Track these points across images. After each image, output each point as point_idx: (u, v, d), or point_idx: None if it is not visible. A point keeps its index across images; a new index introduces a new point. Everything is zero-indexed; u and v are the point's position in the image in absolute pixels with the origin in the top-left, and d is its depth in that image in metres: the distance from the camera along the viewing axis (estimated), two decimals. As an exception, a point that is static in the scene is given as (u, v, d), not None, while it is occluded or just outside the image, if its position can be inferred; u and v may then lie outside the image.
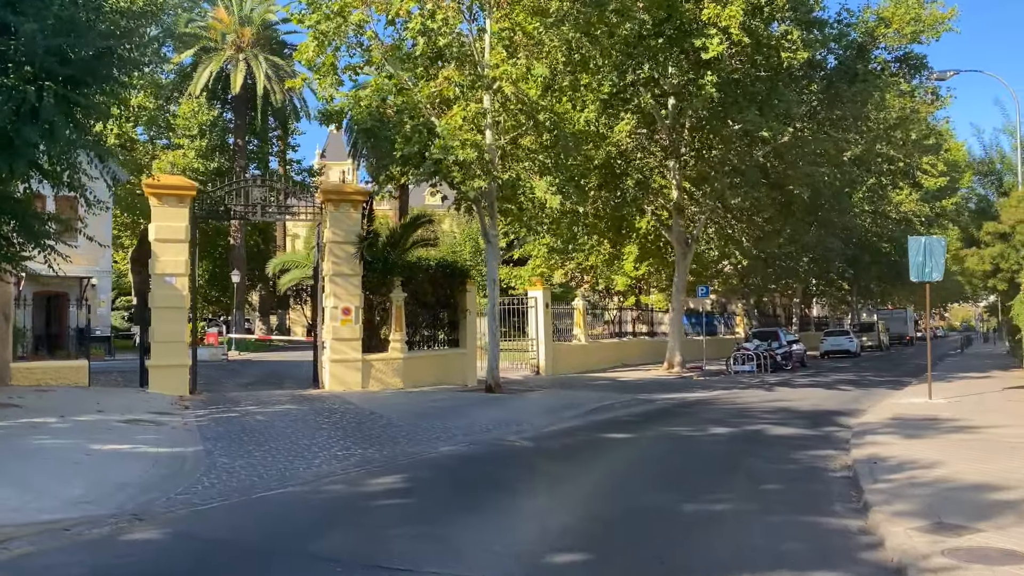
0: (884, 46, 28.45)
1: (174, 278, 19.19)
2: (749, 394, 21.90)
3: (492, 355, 20.68)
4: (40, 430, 11.95)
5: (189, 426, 13.57)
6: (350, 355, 20.58)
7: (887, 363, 41.07)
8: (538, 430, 13.82)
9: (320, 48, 21.09)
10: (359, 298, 20.72)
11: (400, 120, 19.61)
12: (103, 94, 14.21)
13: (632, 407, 17.98)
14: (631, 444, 12.72)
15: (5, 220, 14.37)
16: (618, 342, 33.54)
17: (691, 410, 17.93)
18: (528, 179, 18.70)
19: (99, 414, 14.15)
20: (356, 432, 13.38)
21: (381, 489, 9.04)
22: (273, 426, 13.76)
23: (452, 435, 13.10)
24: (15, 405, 14.48)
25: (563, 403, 18.22)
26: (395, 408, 16.66)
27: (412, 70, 20.57)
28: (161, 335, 18.85)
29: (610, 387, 23.57)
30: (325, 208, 20.89)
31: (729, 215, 31.58)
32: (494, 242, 20.79)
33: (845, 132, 27.40)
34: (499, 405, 17.88)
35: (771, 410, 17.96)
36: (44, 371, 18.38)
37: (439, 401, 18.32)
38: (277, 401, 17.83)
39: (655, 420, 15.92)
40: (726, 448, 12.55)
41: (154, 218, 19.16)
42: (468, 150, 17.64)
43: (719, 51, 21.82)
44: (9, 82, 12.51)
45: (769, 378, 28.03)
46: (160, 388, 18.60)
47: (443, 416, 15.58)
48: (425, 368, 22.14)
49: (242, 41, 41.04)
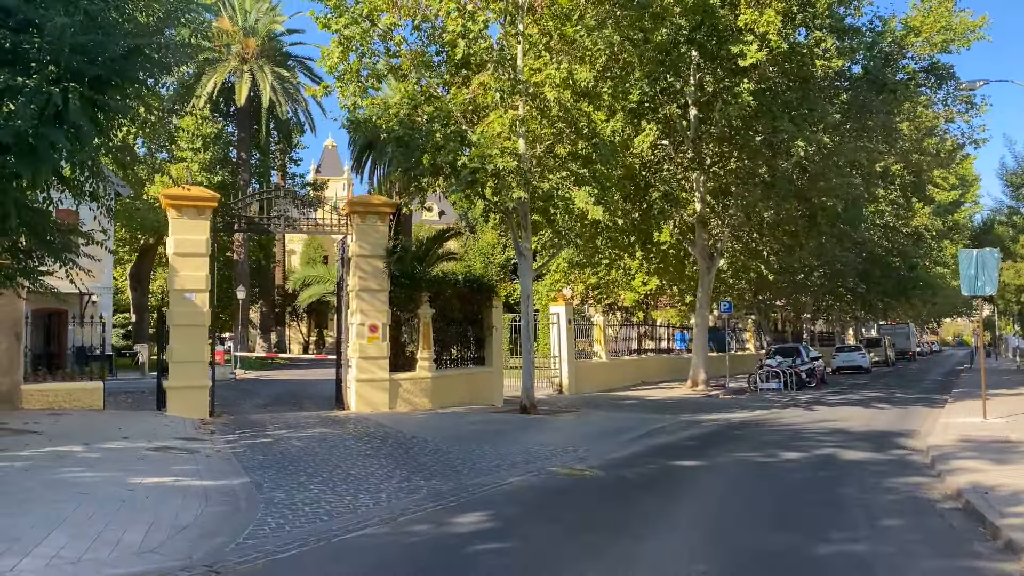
0: (911, 55, 27.84)
1: (194, 294, 18.17)
2: (790, 414, 21.02)
3: (527, 374, 19.70)
4: (68, 460, 10.90)
5: (223, 454, 12.54)
6: (377, 374, 19.57)
7: (903, 379, 40.40)
8: (601, 458, 12.84)
9: (344, 55, 20.24)
10: (386, 314, 19.74)
11: (431, 128, 18.71)
12: (127, 97, 13.28)
13: (683, 430, 17.02)
14: (709, 473, 11.77)
15: (23, 232, 13.36)
16: (637, 359, 32.63)
17: (744, 433, 17.01)
18: (567, 189, 17.80)
19: (125, 441, 13.11)
20: (407, 459, 12.38)
21: (470, 530, 8.04)
22: (315, 453, 12.74)
23: (513, 463, 12.12)
24: (33, 431, 13.42)
25: (610, 426, 17.24)
26: (435, 432, 15.67)
27: (440, 77, 19.72)
28: (180, 355, 17.81)
29: (644, 407, 22.62)
30: (351, 220, 19.93)
31: (751, 228, 30.82)
32: (527, 255, 19.86)
33: (877, 143, 26.66)
34: (541, 428, 16.89)
35: (825, 432, 17.09)
36: (56, 393, 17.28)
37: (477, 424, 17.31)
38: (306, 424, 16.80)
39: (715, 445, 14.99)
40: (809, 476, 11.65)
41: (172, 231, 18.15)
42: (507, 159, 16.74)
43: (758, 58, 21.09)
44: (32, 83, 11.52)
45: (799, 396, 27.19)
46: (178, 411, 17.56)
47: (490, 440, 14.59)
48: (453, 388, 21.15)
49: (247, 52, 40.09)
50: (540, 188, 17.36)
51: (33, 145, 11.81)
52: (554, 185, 17.57)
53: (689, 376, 29.69)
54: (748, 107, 21.62)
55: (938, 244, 50.45)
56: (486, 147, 16.77)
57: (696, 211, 28.25)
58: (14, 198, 12.55)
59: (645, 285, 42.75)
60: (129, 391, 23.59)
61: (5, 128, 11.10)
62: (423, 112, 18.84)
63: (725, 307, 30.79)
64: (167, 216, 18.40)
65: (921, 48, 27.01)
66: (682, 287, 38.49)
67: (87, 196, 14.04)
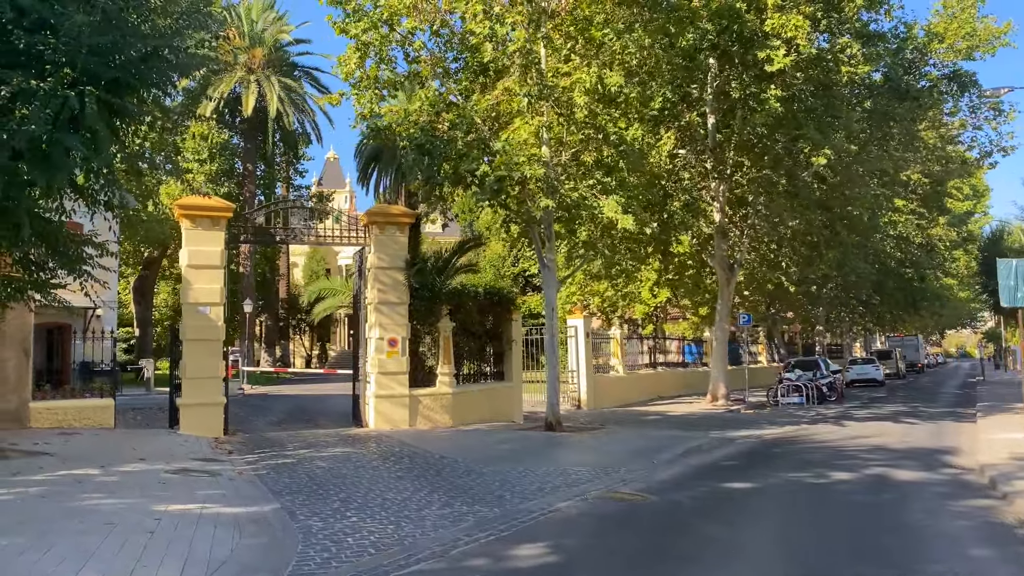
0: (934, 62, 27.35)
1: (208, 308, 17.52)
2: (822, 430, 20.35)
3: (552, 390, 19.01)
4: (87, 486, 10.22)
5: (247, 476, 11.86)
6: (397, 390, 18.89)
7: (920, 393, 39.77)
8: (645, 480, 12.15)
9: (360, 61, 19.67)
10: (406, 328, 19.09)
11: (453, 136, 18.13)
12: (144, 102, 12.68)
13: (718, 448, 16.32)
14: (763, 496, 11.10)
15: (36, 243, 12.71)
16: (653, 373, 31.93)
17: (783, 451, 16.33)
18: (594, 198, 17.18)
19: (142, 463, 12.43)
20: (441, 482, 11.70)
21: (533, 564, 7.38)
22: (343, 475, 12.06)
23: (554, 486, 11.44)
24: (45, 453, 12.73)
25: (643, 445, 16.53)
26: (462, 451, 14.97)
27: (460, 84, 19.14)
28: (193, 370, 17.15)
29: (669, 423, 21.92)
30: (369, 231, 19.31)
31: (770, 239, 30.21)
32: (551, 267, 19.21)
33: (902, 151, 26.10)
34: (573, 447, 16.19)
35: (865, 449, 16.45)
36: (66, 411, 16.58)
37: (505, 442, 16.62)
38: (326, 443, 16.12)
39: (758, 464, 14.32)
40: (870, 499, 11.02)
41: (186, 242, 17.52)
42: (535, 166, 16.13)
43: (785, 63, 20.53)
44: (47, 86, 10.90)
45: (823, 410, 26.51)
46: (192, 429, 16.88)
47: (523, 460, 13.90)
48: (473, 404, 20.47)
49: (253, 62, 39.52)
50: (568, 197, 16.73)
51: (47, 151, 11.20)
52: (582, 194, 16.94)
53: (708, 391, 29.00)
54: (775, 114, 21.02)
55: (951, 255, 49.82)
56: (512, 154, 16.16)
57: (715, 221, 27.63)
58: (27, 207, 11.92)
59: (655, 297, 42.18)
60: (137, 408, 22.92)
61: (18, 133, 10.48)
62: (444, 119, 18.25)
63: (744, 320, 30.13)
64: (180, 227, 17.79)
65: (945, 55, 26.51)
66: (695, 299, 37.86)
67: (102, 205, 13.42)
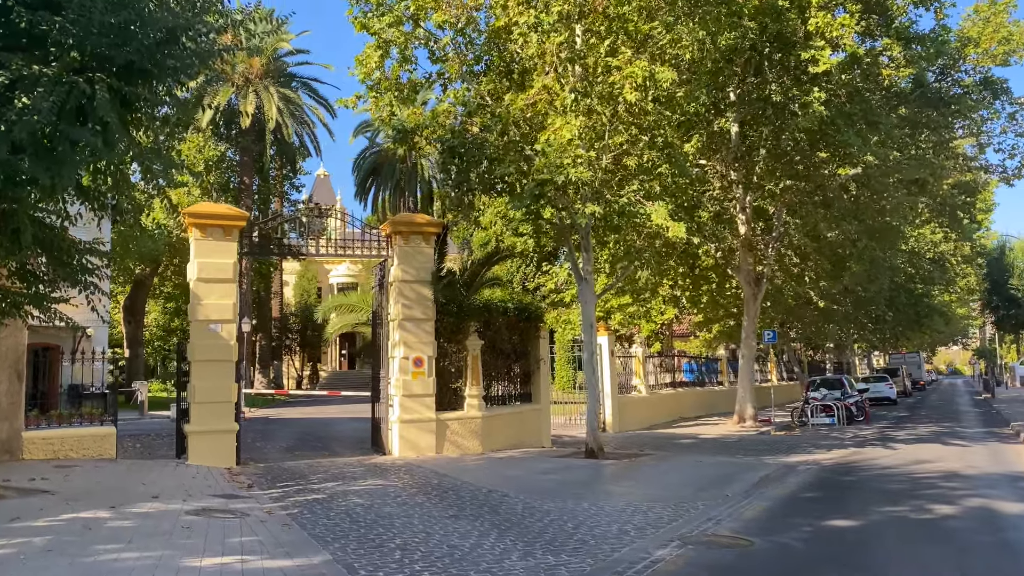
0: (967, 68, 26.25)
1: (219, 325, 15.99)
2: (876, 454, 18.99)
3: (592, 413, 17.54)
4: (99, 533, 8.66)
5: (278, 517, 10.33)
6: (423, 414, 17.39)
7: (937, 412, 38.70)
8: (735, 518, 10.68)
9: (381, 60, 18.32)
10: (432, 347, 17.61)
11: (483, 139, 16.75)
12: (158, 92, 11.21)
13: (787, 477, 14.83)
14: (878, 537, 9.65)
15: (34, 251, 11.18)
16: (674, 393, 30.53)
17: (856, 479, 14.92)
18: (640, 204, 15.82)
19: (156, 501, 10.87)
20: (502, 522, 10.20)
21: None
22: (388, 516, 10.54)
23: (637, 528, 9.94)
24: (45, 491, 11.14)
25: (706, 474, 15.03)
26: (508, 483, 13.48)
27: (484, 85, 17.81)
28: (203, 394, 15.59)
29: (710, 448, 20.50)
30: (392, 242, 17.85)
31: (795, 252, 28.97)
32: (589, 280, 17.80)
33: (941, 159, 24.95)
34: (628, 478, 14.67)
35: (939, 476, 15.16)
36: (62, 441, 14.94)
37: (550, 472, 15.10)
38: (352, 474, 14.56)
39: (842, 496, 12.93)
40: (999, 539, 9.69)
41: (195, 254, 16.00)
42: (580, 169, 14.74)
43: (831, 64, 19.31)
44: (52, 71, 9.44)
45: (859, 432, 25.19)
46: (202, 459, 15.32)
47: (582, 495, 12.42)
48: (502, 428, 18.97)
49: (251, 72, 38.06)
50: (615, 202, 15.33)
51: (52, 145, 9.74)
52: (629, 199, 15.57)
53: (735, 411, 27.64)
54: (819, 118, 19.77)
55: (962, 270, 48.84)
56: (554, 156, 14.77)
57: (741, 234, 26.35)
58: (28, 209, 10.43)
59: (663, 315, 40.83)
60: (133, 434, 21.27)
61: (19, 124, 8.98)
62: (475, 121, 16.89)
63: (769, 337, 28.81)
64: (173, 243, 16.38)
65: (981, 60, 25.38)
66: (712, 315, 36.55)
67: (109, 210, 11.95)
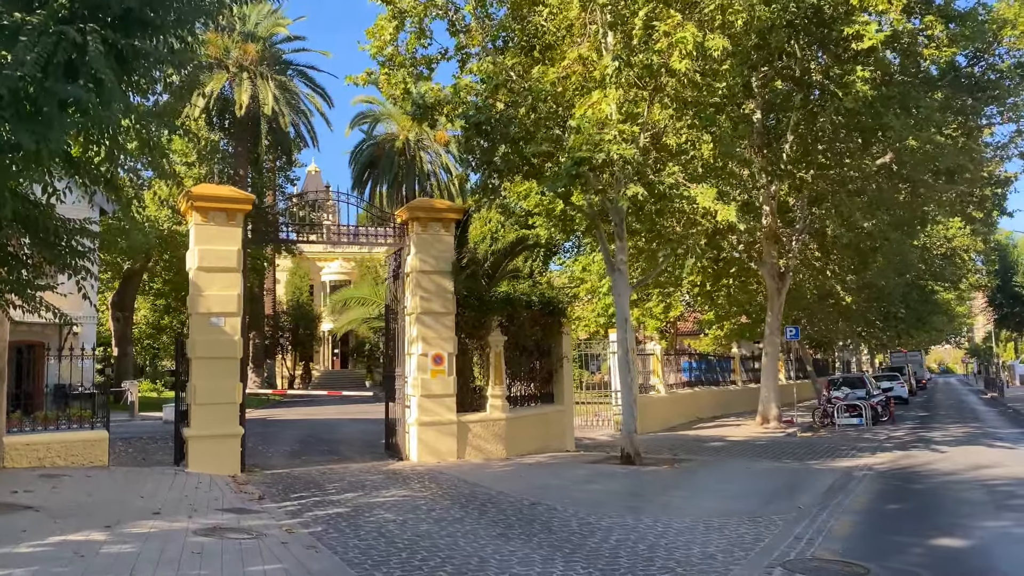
0: (1001, 51, 25.02)
1: (222, 319, 14.56)
2: (928, 458, 17.68)
3: (629, 415, 16.15)
4: (93, 562, 7.20)
5: (300, 536, 8.90)
6: (443, 416, 15.97)
7: (954, 411, 37.73)
8: (829, 537, 9.26)
9: (395, 33, 16.91)
10: (453, 343, 16.20)
11: (509, 115, 15.35)
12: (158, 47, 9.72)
13: (848, 486, 13.47)
14: (997, 558, 8.35)
15: (16, 230, 9.70)
16: (691, 393, 29.16)
17: (923, 487, 13.58)
18: (685, 187, 14.45)
19: (157, 519, 9.42)
20: (561, 542, 8.78)
21: None
22: (428, 535, 9.12)
23: (724, 550, 8.55)
24: (28, 506, 9.65)
25: (763, 484, 13.66)
26: (548, 493, 12.08)
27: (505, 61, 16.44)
28: (205, 395, 14.15)
29: (744, 451, 19.15)
30: (409, 229, 16.42)
31: (816, 245, 27.71)
32: (623, 270, 16.40)
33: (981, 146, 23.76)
34: (677, 487, 13.22)
35: (1012, 482, 14.06)
36: (49, 447, 13.42)
37: (591, 481, 13.68)
38: (371, 483, 13.14)
39: (924, 508, 11.62)
40: None
41: (196, 240, 14.56)
42: (624, 146, 13.35)
43: (878, 40, 17.96)
44: (37, 19, 7.99)
45: (892, 433, 23.88)
46: (203, 466, 13.88)
47: (638, 508, 11.01)
48: (526, 431, 17.57)
49: (245, 59, 36.45)
50: (661, 184, 13.94)
51: (37, 104, 8.28)
52: (677, 179, 14.19)
53: (759, 411, 26.32)
54: (863, 100, 18.44)
55: (973, 267, 47.77)
56: (592, 132, 13.37)
57: (765, 226, 25.02)
58: (8, 180, 8.95)
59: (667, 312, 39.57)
60: (125, 437, 19.77)
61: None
62: (501, 96, 15.50)
63: (792, 333, 27.51)
64: (165, 237, 14.92)
65: (1017, 42, 24.14)
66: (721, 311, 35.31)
67: (102, 184, 10.46)
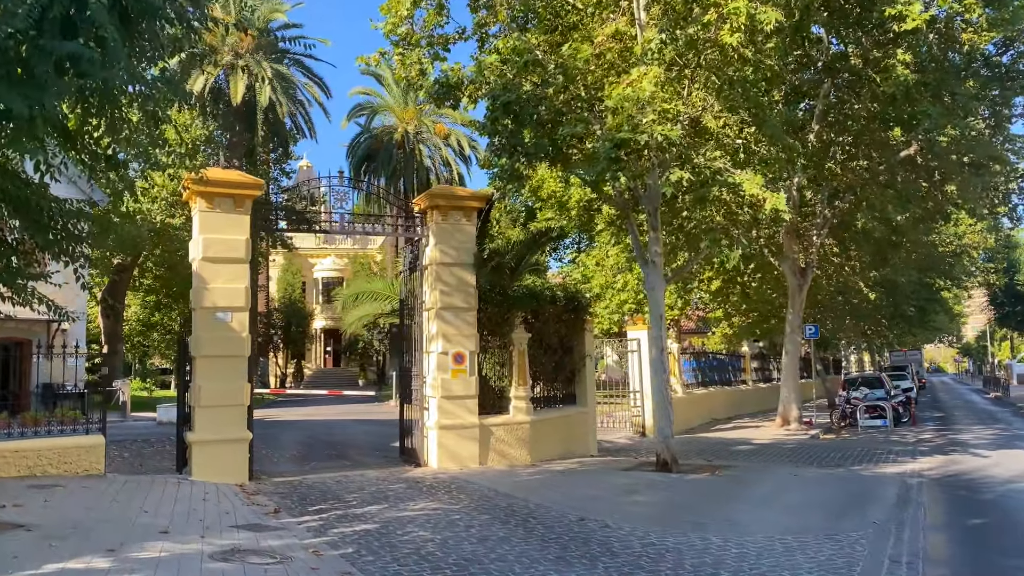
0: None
1: (229, 314, 13.45)
2: (971, 462, 16.87)
3: (665, 419, 15.02)
4: (99, 600, 6.10)
5: (329, 560, 7.79)
6: (465, 419, 14.87)
7: (968, 411, 37.08)
8: (921, 558, 8.25)
9: (412, 9, 15.78)
10: (475, 340, 15.09)
11: (538, 95, 14.26)
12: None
13: (910, 495, 12.45)
14: None
15: (7, 212, 8.53)
16: (707, 393, 28.17)
17: (993, 497, 12.64)
18: (729, 173, 13.40)
19: (166, 539, 8.28)
20: (625, 568, 7.69)
21: None
22: (473, 557, 8.02)
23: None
24: (19, 525, 8.48)
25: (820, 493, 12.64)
26: (595, 506, 10.97)
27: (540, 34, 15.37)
28: (210, 397, 13.01)
29: (778, 455, 18.14)
30: (428, 218, 15.30)
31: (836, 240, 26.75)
32: (658, 263, 15.30)
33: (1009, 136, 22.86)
34: (732, 498, 12.12)
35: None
36: (40, 454, 12.21)
37: (632, 491, 12.56)
38: (394, 492, 12.03)
39: (1016, 525, 10.63)
40: None
41: (200, 228, 13.42)
42: (669, 126, 12.29)
43: (922, 21, 16.96)
44: (28, -31, 6.85)
45: (920, 435, 22.99)
46: (208, 474, 12.74)
47: (701, 525, 9.87)
48: (550, 434, 16.49)
49: (241, 46, 35.21)
50: (708, 168, 12.88)
51: (30, 64, 7.13)
52: (724, 165, 13.13)
53: (779, 412, 25.35)
54: (905, 83, 17.44)
55: (981, 265, 47.03)
56: (633, 111, 12.29)
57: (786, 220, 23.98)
58: (-4, 151, 7.82)
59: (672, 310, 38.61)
60: (118, 440, 18.51)
61: (-14, 36, 6.45)
62: (531, 75, 14.41)
63: (812, 332, 26.54)
64: (158, 230, 13.76)
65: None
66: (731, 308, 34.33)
67: (103, 162, 9.30)
